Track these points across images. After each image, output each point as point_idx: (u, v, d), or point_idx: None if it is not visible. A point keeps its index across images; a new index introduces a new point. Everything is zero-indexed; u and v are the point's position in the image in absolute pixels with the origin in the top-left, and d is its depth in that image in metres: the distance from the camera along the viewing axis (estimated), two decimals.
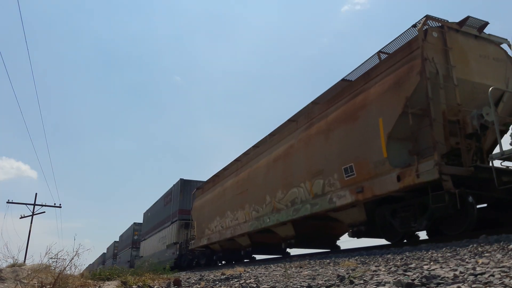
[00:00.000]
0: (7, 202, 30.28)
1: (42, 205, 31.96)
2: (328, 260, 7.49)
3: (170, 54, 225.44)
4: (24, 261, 8.42)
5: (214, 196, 17.11)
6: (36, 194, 33.91)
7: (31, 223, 30.57)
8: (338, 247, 12.16)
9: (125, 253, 43.91)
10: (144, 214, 35.89)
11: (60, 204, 33.13)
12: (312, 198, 9.67)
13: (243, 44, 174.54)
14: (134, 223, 41.19)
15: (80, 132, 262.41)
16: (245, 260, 17.87)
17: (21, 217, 31.06)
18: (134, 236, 39.97)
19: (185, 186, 24.07)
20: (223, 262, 18.21)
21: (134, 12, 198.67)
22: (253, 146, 14.48)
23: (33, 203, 31.40)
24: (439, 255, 5.27)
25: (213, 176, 18.52)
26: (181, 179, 24.21)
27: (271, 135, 13.10)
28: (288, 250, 14.37)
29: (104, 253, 68.90)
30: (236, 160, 16.03)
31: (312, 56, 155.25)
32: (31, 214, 31.15)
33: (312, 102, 10.87)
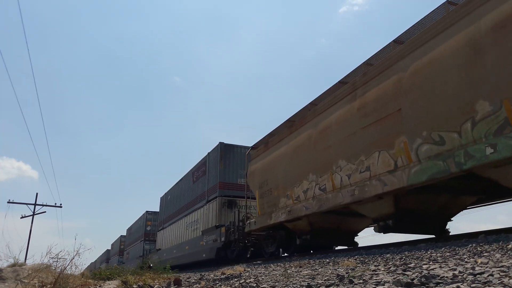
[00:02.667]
0: (8, 202, 29.80)
1: (42, 205, 31.14)
2: (327, 260, 7.53)
3: (169, 55, 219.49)
4: (25, 261, 8.71)
5: (296, 147, 10.99)
6: (36, 194, 33.72)
7: (32, 223, 29.96)
8: None
9: (135, 247, 37.42)
10: (162, 198, 29.87)
11: (60, 204, 31.96)
12: None
13: (242, 45, 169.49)
14: (147, 211, 34.81)
15: (80, 132, 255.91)
16: (338, 247, 11.87)
17: (22, 217, 30.52)
18: (147, 227, 33.73)
19: (227, 152, 18.00)
20: (294, 251, 12.20)
21: (133, 13, 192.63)
22: (393, 41, 8.37)
23: (33, 203, 30.69)
24: (438, 254, 5.23)
25: (284, 123, 12.37)
26: (221, 143, 18.23)
27: None
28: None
29: (108, 250, 61.89)
30: (341, 83, 9.92)
31: (310, 57, 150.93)
32: (32, 214, 30.32)
33: None
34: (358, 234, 11.51)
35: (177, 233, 23.54)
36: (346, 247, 11.09)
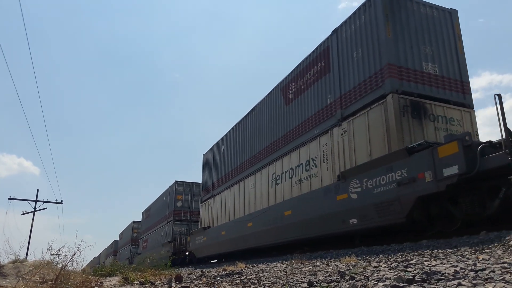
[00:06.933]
0: (9, 199, 29.35)
1: (43, 201, 30.79)
2: (329, 256, 7.83)
3: (169, 51, 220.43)
4: (26, 257, 9.14)
5: None
6: (37, 190, 31.07)
7: (33, 219, 29.81)
8: None
9: (158, 232, 29.60)
10: (206, 156, 22.30)
11: (61, 201, 31.49)
12: None
13: (242, 41, 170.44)
14: (176, 181, 27.11)
15: (81, 128, 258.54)
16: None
17: (23, 214, 30.40)
18: (177, 203, 26.57)
19: (396, 10, 9.13)
20: None
21: (133, 10, 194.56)
22: None
23: (34, 199, 30.45)
24: (440, 251, 5.24)
25: None
26: None
27: None
28: None
29: (115, 241, 53.46)
30: None
31: (310, 53, 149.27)
32: (33, 210, 30.10)
33: None
34: None
35: (250, 196, 15.15)
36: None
